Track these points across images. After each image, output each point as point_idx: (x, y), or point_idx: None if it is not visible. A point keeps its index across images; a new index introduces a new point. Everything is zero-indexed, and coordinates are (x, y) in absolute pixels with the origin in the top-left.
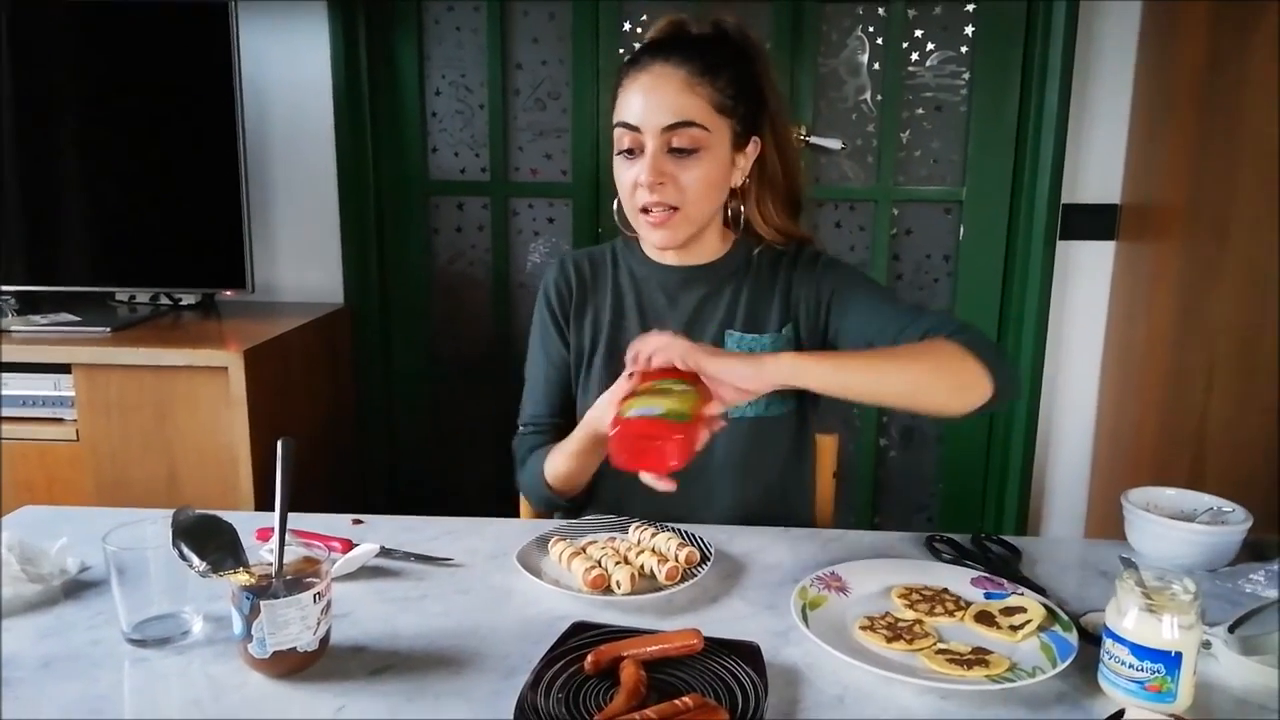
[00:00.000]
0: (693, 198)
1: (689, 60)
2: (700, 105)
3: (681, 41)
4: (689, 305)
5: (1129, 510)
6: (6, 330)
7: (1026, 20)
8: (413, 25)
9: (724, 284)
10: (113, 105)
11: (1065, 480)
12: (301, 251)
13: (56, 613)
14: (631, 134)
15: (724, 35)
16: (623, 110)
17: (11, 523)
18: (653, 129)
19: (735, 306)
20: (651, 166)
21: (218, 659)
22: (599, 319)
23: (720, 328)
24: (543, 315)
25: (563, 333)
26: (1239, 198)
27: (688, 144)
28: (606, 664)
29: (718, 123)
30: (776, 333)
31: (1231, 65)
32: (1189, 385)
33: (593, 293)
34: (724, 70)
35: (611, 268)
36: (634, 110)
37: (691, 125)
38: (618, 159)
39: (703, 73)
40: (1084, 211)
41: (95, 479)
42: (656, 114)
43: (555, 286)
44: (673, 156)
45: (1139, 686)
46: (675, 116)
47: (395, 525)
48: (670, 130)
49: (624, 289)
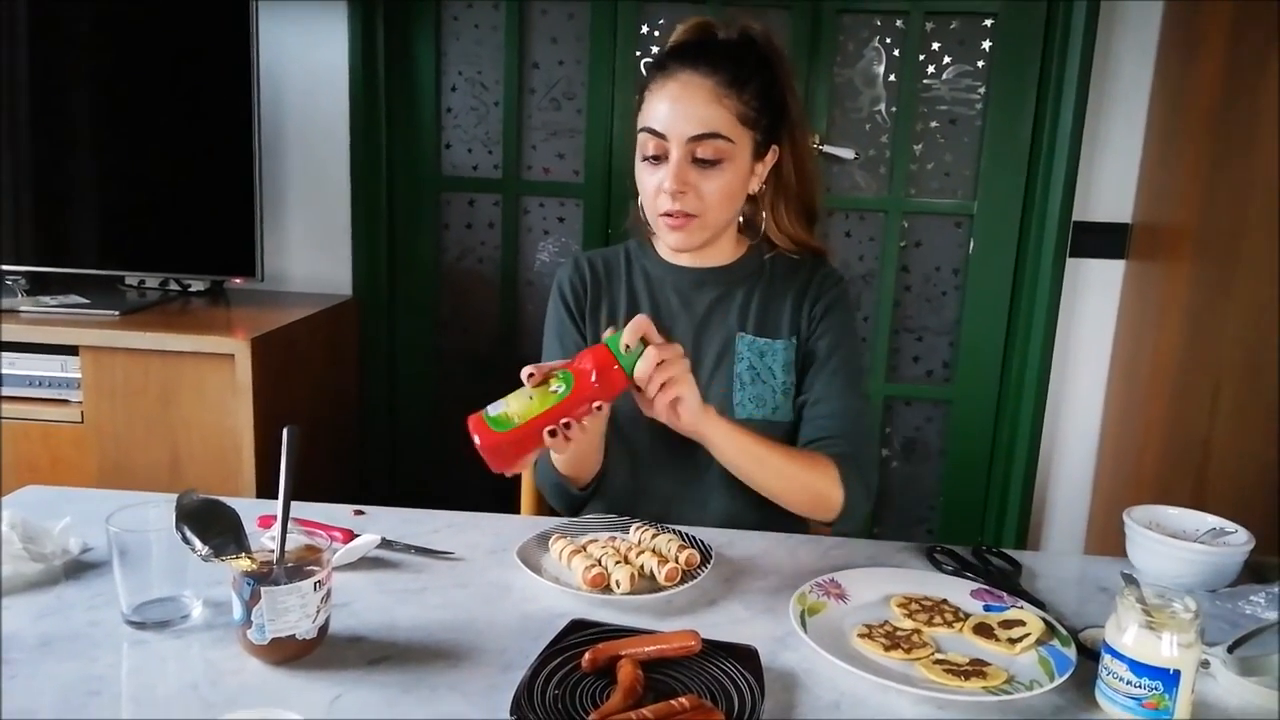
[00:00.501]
0: (712, 206)
1: (717, 70)
2: (726, 117)
3: (710, 49)
4: (701, 307)
5: (1131, 528)
6: (15, 310)
7: (1044, 36)
8: (431, 21)
9: (736, 287)
10: (130, 91)
11: (1067, 495)
12: (312, 242)
13: (57, 592)
14: (657, 140)
15: (751, 43)
16: (649, 116)
17: (15, 502)
18: (679, 138)
19: (747, 310)
20: (675, 175)
21: (216, 644)
22: (614, 316)
23: (731, 330)
24: (559, 311)
25: (579, 328)
26: (1250, 222)
27: (711, 155)
28: (604, 662)
29: (741, 134)
30: (787, 339)
31: (1247, 89)
32: (1194, 405)
33: (607, 291)
34: (750, 81)
35: (625, 267)
36: (661, 117)
37: (717, 137)
38: (642, 163)
39: (730, 84)
40: (1095, 229)
41: (99, 461)
42: (683, 123)
43: (570, 283)
44: (696, 166)
45: (1136, 703)
46: (702, 128)
47: (396, 517)
48: (696, 141)
49: (638, 289)
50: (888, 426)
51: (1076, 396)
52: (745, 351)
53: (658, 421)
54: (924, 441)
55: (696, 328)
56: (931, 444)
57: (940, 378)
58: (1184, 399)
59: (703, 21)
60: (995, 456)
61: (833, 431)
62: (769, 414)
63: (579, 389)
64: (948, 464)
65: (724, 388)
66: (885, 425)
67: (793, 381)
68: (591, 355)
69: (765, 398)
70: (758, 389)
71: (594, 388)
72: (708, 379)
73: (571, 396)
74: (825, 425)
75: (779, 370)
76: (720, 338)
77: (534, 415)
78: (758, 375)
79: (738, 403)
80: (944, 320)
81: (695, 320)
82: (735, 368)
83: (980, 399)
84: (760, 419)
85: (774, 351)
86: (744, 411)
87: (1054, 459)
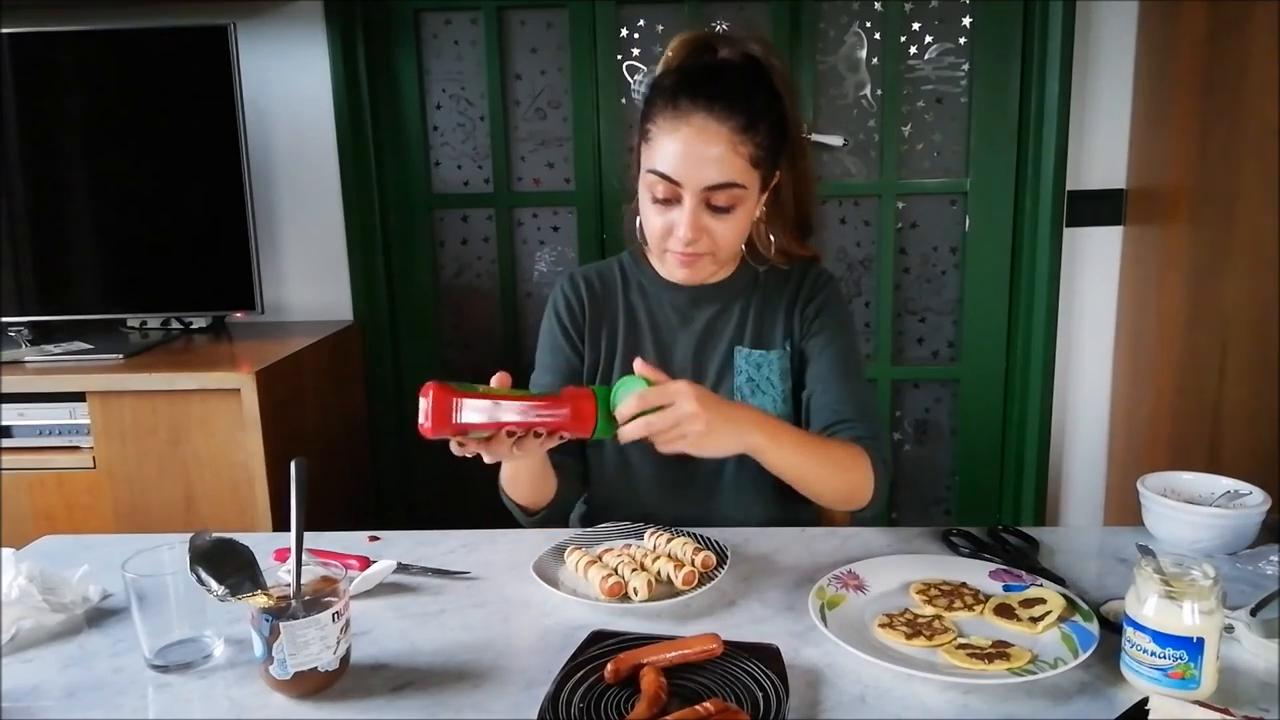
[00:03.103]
0: (724, 245)
1: (733, 113)
2: (741, 165)
3: (720, 82)
4: (700, 323)
5: (1145, 496)
6: (20, 360)
7: (1024, 8)
8: (411, 40)
9: (732, 302)
10: (116, 133)
11: (1082, 468)
12: (309, 270)
13: (80, 641)
14: (669, 185)
15: (758, 69)
16: (660, 158)
17: (33, 552)
18: (694, 187)
19: (744, 324)
20: (691, 224)
21: (240, 681)
22: (614, 334)
23: (730, 344)
24: (553, 330)
25: (576, 347)
26: (1244, 178)
27: (726, 202)
28: (627, 672)
29: (753, 176)
30: (782, 349)
31: (1232, 45)
32: (1202, 368)
33: (605, 309)
34: (762, 121)
35: (621, 284)
36: (674, 163)
37: (733, 186)
38: (650, 204)
39: (745, 128)
40: (1090, 198)
41: (113, 505)
42: (700, 172)
43: (566, 301)
44: (709, 211)
45: (1162, 674)
46: (719, 178)
47: (411, 540)
48: (711, 190)
49: (635, 306)
50: (897, 410)
51: (1084, 367)
52: (743, 365)
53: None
54: (935, 423)
55: (696, 344)
56: (943, 425)
57: (946, 357)
58: (1192, 362)
59: (702, 38)
60: (1007, 433)
61: (845, 415)
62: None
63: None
64: (960, 444)
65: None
66: (895, 408)
67: (789, 387)
68: (575, 398)
69: (766, 408)
70: (759, 400)
71: (564, 419)
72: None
73: (542, 402)
74: (836, 410)
75: (776, 380)
76: (720, 353)
77: (500, 393)
78: (757, 387)
79: None
80: (946, 300)
81: (695, 337)
82: (735, 381)
83: (988, 376)
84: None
85: (769, 363)
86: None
87: (1066, 431)
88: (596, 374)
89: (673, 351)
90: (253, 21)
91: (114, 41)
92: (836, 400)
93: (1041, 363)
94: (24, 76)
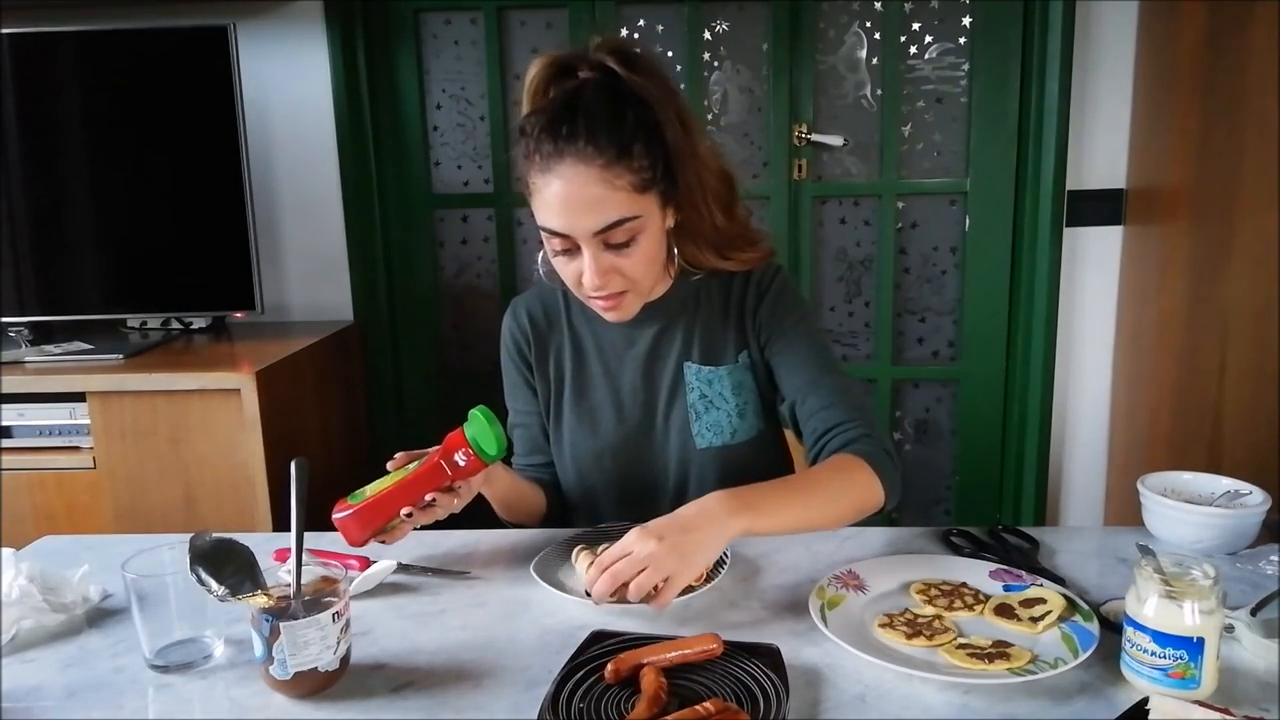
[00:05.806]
0: (639, 278)
1: (600, 150)
2: (625, 198)
3: (579, 120)
4: (644, 344)
5: (1145, 496)
6: (20, 361)
7: (1024, 8)
8: (411, 40)
9: (677, 317)
10: (116, 134)
11: (1082, 468)
12: (310, 271)
13: (80, 641)
14: (561, 239)
15: (618, 82)
16: (543, 214)
17: (33, 552)
18: (584, 235)
19: (691, 339)
20: (595, 269)
21: (240, 682)
22: (560, 362)
23: (678, 360)
24: (507, 366)
25: (528, 381)
26: (1245, 176)
27: (624, 238)
28: (627, 672)
29: (644, 202)
30: (734, 363)
31: (1232, 45)
32: (1202, 367)
33: (550, 338)
34: (635, 142)
35: (565, 310)
36: (557, 218)
37: (624, 221)
38: (555, 255)
39: (617, 159)
40: (1090, 197)
41: (114, 505)
42: (584, 220)
43: (513, 336)
44: (612, 250)
45: (1162, 674)
46: (604, 220)
47: (411, 540)
48: (604, 232)
49: (581, 333)
50: (898, 410)
51: (1084, 367)
52: (694, 381)
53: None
54: (935, 422)
55: (644, 365)
56: (943, 424)
57: (946, 357)
58: (1192, 361)
59: (559, 60)
60: (1007, 433)
61: (840, 417)
62: (728, 439)
63: (428, 466)
64: (960, 443)
65: (681, 420)
66: (895, 408)
67: (745, 402)
68: (445, 444)
69: (721, 424)
70: (713, 416)
71: (442, 469)
72: (664, 413)
73: (420, 472)
74: (829, 414)
75: (729, 394)
76: (669, 371)
77: (383, 489)
78: (710, 403)
79: (696, 433)
80: (946, 300)
81: (640, 359)
82: (688, 398)
83: (988, 376)
84: (720, 445)
85: (719, 379)
86: (703, 441)
87: (1066, 431)
88: (549, 400)
89: (620, 376)
90: (253, 22)
91: (114, 42)
92: (821, 405)
93: (1041, 362)
94: (24, 76)
